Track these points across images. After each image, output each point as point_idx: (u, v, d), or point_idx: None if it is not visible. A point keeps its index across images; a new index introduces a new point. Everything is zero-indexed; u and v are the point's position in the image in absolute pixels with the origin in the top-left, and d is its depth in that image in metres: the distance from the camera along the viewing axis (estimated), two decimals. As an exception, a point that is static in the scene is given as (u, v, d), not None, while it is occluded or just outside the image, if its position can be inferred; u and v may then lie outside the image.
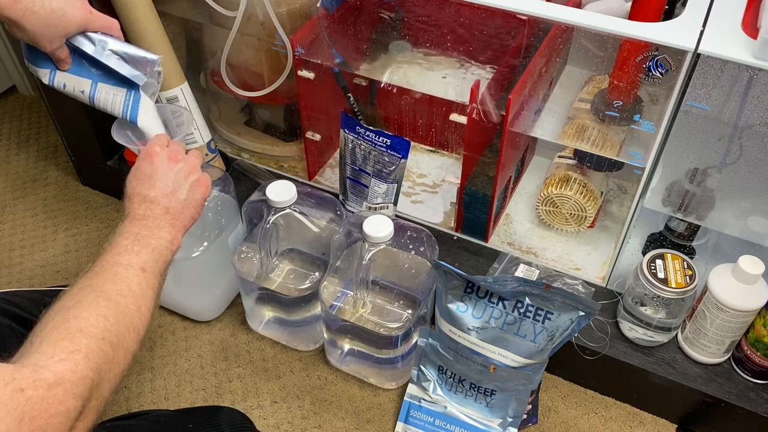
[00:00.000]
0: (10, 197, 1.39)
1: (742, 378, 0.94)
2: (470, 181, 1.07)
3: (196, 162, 0.76)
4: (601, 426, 1.00)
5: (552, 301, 0.89)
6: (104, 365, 0.55)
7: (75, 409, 0.51)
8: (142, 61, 0.78)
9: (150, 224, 0.68)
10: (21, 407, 0.47)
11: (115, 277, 0.62)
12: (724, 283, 0.87)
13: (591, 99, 0.98)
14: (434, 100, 1.12)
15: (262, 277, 1.00)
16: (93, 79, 0.77)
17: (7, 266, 1.25)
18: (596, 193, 1.08)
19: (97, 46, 0.76)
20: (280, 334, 1.09)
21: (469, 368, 0.95)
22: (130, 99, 0.79)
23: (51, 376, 0.50)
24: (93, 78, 0.77)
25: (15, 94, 1.64)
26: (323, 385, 1.05)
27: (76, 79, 0.78)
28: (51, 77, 0.77)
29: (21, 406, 0.47)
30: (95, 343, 0.54)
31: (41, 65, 0.77)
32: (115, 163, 1.31)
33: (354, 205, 1.13)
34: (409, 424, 0.99)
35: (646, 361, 0.96)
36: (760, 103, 0.77)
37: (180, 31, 1.21)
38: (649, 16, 0.84)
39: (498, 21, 0.96)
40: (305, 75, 1.07)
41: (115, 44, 0.77)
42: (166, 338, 1.12)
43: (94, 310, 0.57)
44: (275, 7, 1.00)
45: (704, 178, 0.89)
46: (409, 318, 0.94)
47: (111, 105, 0.79)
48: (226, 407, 0.89)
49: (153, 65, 0.79)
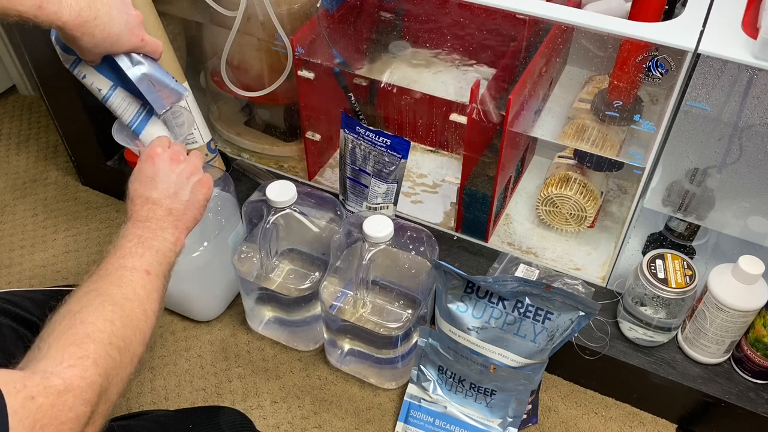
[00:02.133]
0: (10, 197, 1.39)
1: (742, 378, 0.94)
2: (470, 181, 1.07)
3: (198, 163, 0.76)
4: (601, 426, 1.00)
5: (552, 301, 0.89)
6: (112, 370, 0.55)
7: (85, 415, 0.51)
8: (169, 91, 0.78)
9: (153, 226, 0.68)
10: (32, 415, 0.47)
11: (120, 280, 0.62)
12: (724, 283, 0.87)
13: (591, 99, 0.98)
14: (434, 100, 1.12)
15: (262, 277, 1.00)
16: (114, 82, 0.77)
17: (7, 266, 1.25)
18: (596, 193, 1.08)
19: (134, 65, 0.76)
20: (280, 334, 1.10)
21: (469, 368, 0.95)
22: (142, 113, 0.79)
23: (60, 382, 0.50)
24: (114, 82, 0.77)
25: (15, 94, 1.64)
26: (323, 385, 1.05)
27: (98, 77, 0.77)
28: (74, 65, 0.77)
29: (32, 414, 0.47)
30: (103, 349, 0.55)
31: (68, 51, 0.76)
32: (115, 163, 1.31)
33: (354, 205, 1.13)
34: (409, 424, 0.99)
35: (646, 361, 0.96)
36: (760, 103, 0.77)
37: (180, 31, 1.21)
38: (649, 16, 0.84)
39: (498, 21, 0.96)
40: (305, 75, 1.07)
41: (150, 68, 0.77)
42: (166, 338, 1.12)
43: (101, 315, 0.57)
44: (275, 7, 1.00)
45: (704, 178, 0.89)
46: (409, 318, 0.94)
47: (122, 111, 0.79)
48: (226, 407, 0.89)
49: (179, 98, 0.79)
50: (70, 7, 0.66)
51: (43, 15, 0.65)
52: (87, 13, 0.67)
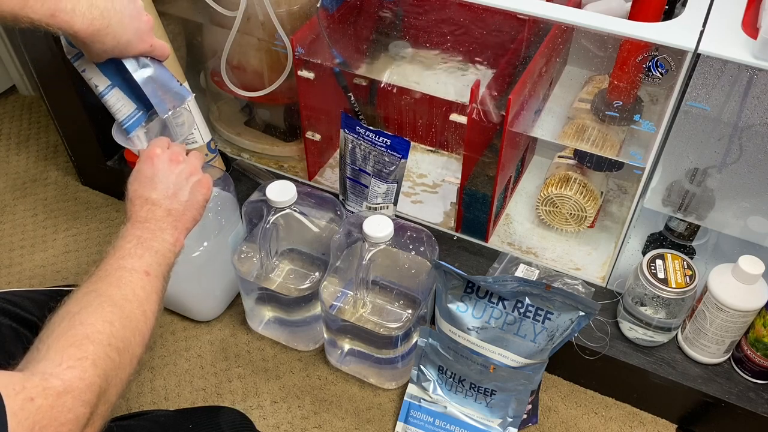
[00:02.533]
0: (10, 197, 1.39)
1: (742, 378, 0.94)
2: (470, 181, 1.07)
3: (197, 163, 0.76)
4: (601, 426, 1.00)
5: (552, 301, 0.89)
6: (111, 371, 0.55)
7: (84, 416, 0.51)
8: (173, 95, 0.78)
9: (152, 227, 0.68)
10: (31, 417, 0.47)
11: (119, 281, 0.62)
12: (724, 283, 0.87)
13: (591, 99, 0.98)
14: (434, 100, 1.12)
15: (262, 277, 1.00)
16: (113, 82, 0.77)
17: (7, 266, 1.25)
18: (596, 193, 1.08)
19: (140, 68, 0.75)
20: (280, 334, 1.10)
21: (469, 368, 0.95)
22: (135, 115, 0.79)
23: (60, 384, 0.50)
24: (113, 81, 0.77)
25: (15, 94, 1.64)
26: (323, 385, 1.05)
27: (98, 74, 0.77)
28: (75, 57, 0.76)
29: (32, 415, 0.47)
30: (102, 350, 0.55)
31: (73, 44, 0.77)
32: (115, 163, 1.31)
33: (354, 205, 1.13)
34: (409, 424, 0.99)
35: (646, 361, 0.96)
36: (760, 103, 0.77)
37: (180, 31, 1.21)
38: (649, 16, 0.84)
39: (498, 21, 0.96)
40: (305, 75, 1.07)
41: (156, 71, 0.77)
42: (166, 338, 1.12)
43: (100, 316, 0.57)
44: (275, 7, 1.00)
45: (704, 178, 0.89)
46: (409, 318, 0.94)
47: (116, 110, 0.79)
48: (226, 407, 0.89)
49: (182, 101, 0.79)
50: (83, 16, 0.65)
51: (55, 24, 0.65)
52: (100, 22, 0.67)
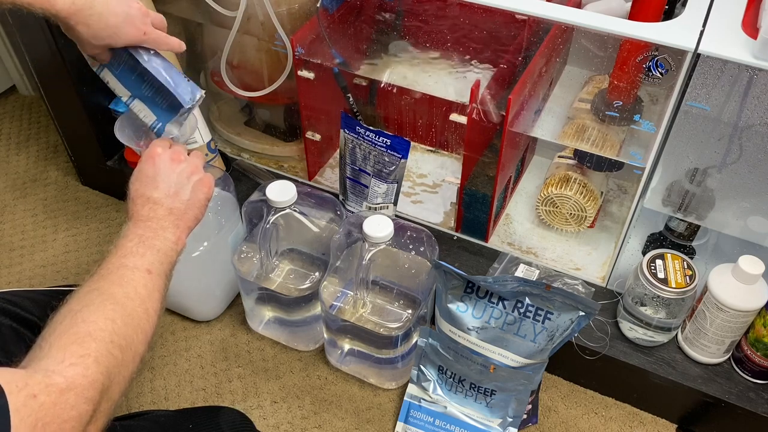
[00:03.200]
0: (10, 197, 1.39)
1: (742, 378, 0.94)
2: (470, 181, 1.07)
3: (199, 163, 0.76)
4: (601, 426, 1.00)
5: (552, 301, 0.89)
6: (113, 368, 0.55)
7: (87, 413, 0.51)
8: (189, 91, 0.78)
9: (154, 225, 0.68)
10: (34, 413, 0.47)
11: (121, 279, 0.62)
12: (724, 283, 0.87)
13: (591, 99, 0.98)
14: (434, 100, 1.12)
15: (262, 277, 1.00)
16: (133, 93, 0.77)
17: (7, 266, 1.25)
18: (596, 193, 1.08)
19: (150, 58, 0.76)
20: (280, 334, 1.09)
21: (469, 368, 0.95)
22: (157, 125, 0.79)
23: (62, 381, 0.50)
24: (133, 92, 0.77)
25: (15, 94, 1.64)
26: (323, 385, 1.05)
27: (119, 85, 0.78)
28: (100, 69, 0.77)
29: (34, 412, 0.47)
30: (104, 347, 0.55)
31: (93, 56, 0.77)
32: (115, 163, 1.31)
33: (354, 205, 1.13)
34: (409, 424, 0.99)
35: (646, 361, 0.96)
36: (760, 103, 0.77)
37: (180, 31, 1.21)
38: (649, 16, 0.84)
39: (498, 21, 0.96)
40: (305, 75, 1.07)
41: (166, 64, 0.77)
42: (166, 338, 1.12)
43: (102, 314, 0.57)
44: (275, 7, 1.00)
45: (704, 178, 0.89)
46: (409, 318, 0.94)
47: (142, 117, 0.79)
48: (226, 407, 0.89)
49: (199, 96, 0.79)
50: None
51: (37, 3, 0.65)
52: (82, 1, 0.67)
